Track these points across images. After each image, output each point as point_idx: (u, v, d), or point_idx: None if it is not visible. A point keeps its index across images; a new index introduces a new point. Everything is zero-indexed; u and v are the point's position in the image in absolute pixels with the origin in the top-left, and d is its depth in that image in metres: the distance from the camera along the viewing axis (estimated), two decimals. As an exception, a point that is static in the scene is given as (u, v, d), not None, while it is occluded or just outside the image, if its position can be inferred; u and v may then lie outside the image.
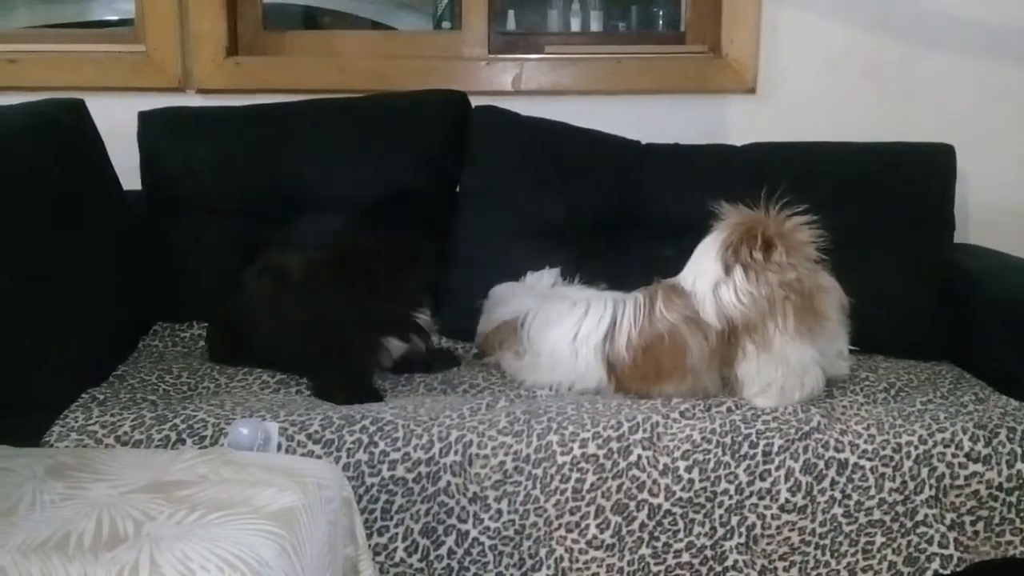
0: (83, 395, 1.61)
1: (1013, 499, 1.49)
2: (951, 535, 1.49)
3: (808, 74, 2.30)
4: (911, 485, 1.49)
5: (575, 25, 2.59)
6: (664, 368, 1.62)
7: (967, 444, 1.50)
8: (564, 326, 1.71)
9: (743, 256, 1.57)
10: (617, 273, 1.90)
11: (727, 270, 1.58)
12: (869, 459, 1.48)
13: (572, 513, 1.46)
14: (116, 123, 2.00)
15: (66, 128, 1.86)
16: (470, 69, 2.33)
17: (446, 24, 2.67)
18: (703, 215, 1.63)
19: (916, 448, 1.49)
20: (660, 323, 1.62)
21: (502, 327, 1.80)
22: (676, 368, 1.61)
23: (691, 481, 1.47)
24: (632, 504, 1.47)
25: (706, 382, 1.62)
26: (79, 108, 1.92)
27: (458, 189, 2.13)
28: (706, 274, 1.60)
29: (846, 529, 1.48)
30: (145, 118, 2.09)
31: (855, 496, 1.48)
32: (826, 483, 1.48)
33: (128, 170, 2.02)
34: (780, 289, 1.55)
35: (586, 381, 1.68)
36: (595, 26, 2.59)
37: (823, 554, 1.49)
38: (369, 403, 1.61)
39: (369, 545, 1.38)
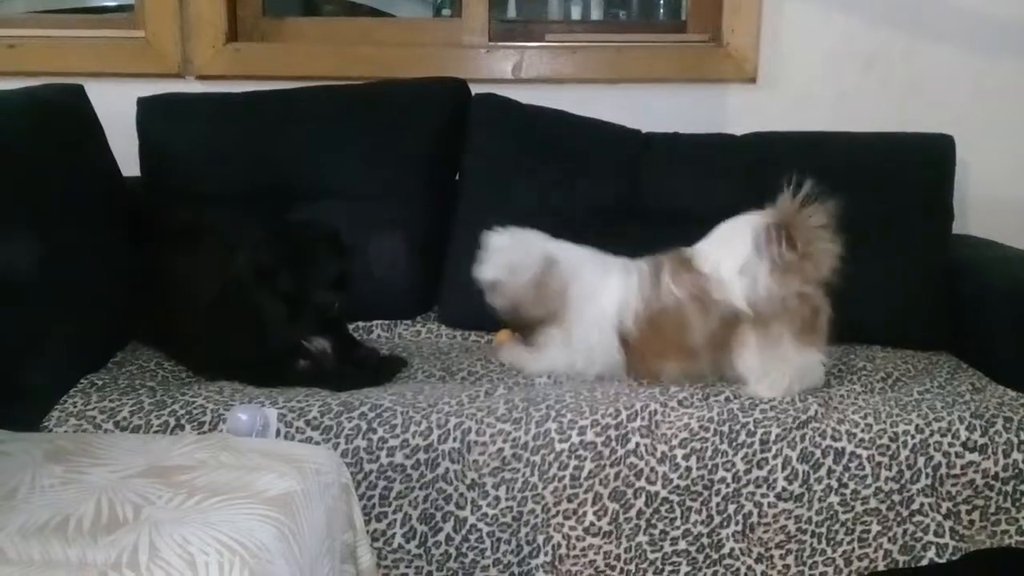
0: (82, 381, 1.61)
1: (1009, 488, 1.50)
2: (947, 524, 1.50)
3: (809, 65, 2.29)
4: (907, 474, 1.49)
5: (576, 13, 2.59)
6: (669, 344, 1.61)
7: (964, 433, 1.50)
8: (604, 298, 1.67)
9: (776, 251, 1.55)
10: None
11: (757, 259, 1.56)
12: (866, 448, 1.49)
13: (570, 500, 1.47)
14: (115, 109, 1.99)
15: (65, 113, 1.85)
16: (470, 57, 2.33)
17: (446, 11, 2.66)
18: (702, 203, 1.63)
19: (913, 437, 1.50)
20: (667, 298, 1.61)
21: (544, 292, 1.68)
22: (681, 346, 1.60)
23: (688, 469, 1.48)
24: (629, 491, 1.48)
25: (704, 363, 1.61)
26: (78, 93, 1.92)
27: (457, 177, 2.13)
28: (734, 258, 1.57)
29: (842, 517, 1.49)
30: (144, 104, 2.08)
31: (851, 485, 1.49)
32: (823, 472, 1.49)
33: (127, 156, 2.02)
34: (798, 296, 1.55)
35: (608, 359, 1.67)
36: (596, 14, 2.58)
37: (819, 542, 1.49)
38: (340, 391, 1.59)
39: (367, 531, 1.38)
